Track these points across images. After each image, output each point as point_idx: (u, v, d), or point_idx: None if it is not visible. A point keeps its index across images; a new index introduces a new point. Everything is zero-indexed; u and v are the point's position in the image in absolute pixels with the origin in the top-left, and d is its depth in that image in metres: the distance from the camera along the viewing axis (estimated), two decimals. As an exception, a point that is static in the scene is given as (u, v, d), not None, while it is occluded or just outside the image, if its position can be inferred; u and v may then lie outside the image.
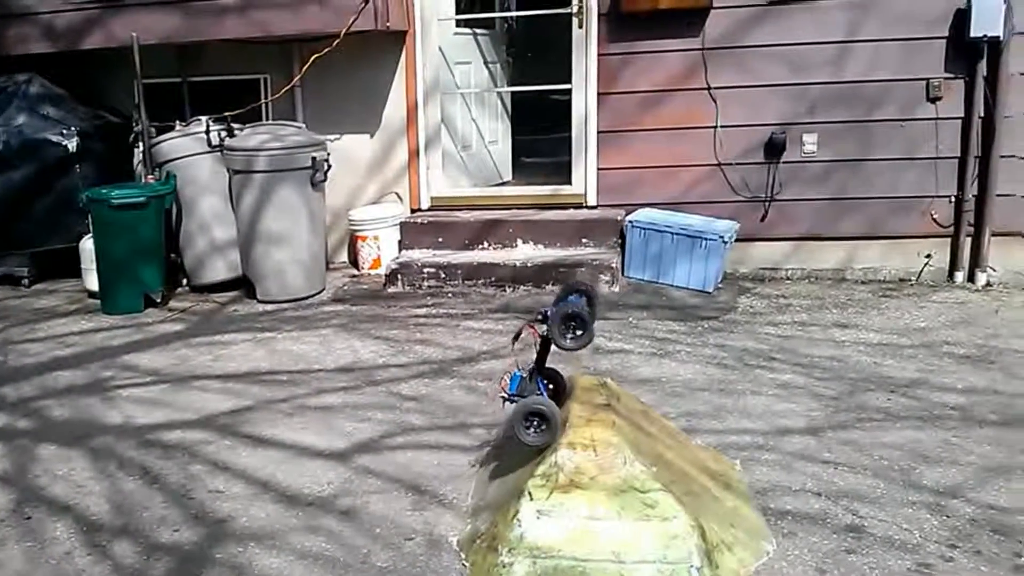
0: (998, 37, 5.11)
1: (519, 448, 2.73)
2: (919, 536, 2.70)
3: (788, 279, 5.69)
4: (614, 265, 5.38)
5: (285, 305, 5.37)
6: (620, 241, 5.60)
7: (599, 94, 5.70)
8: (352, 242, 6.03)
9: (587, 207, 5.88)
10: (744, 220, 5.62)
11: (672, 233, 5.40)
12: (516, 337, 2.88)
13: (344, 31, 5.30)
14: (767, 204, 5.66)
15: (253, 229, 5.34)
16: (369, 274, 5.87)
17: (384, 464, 3.27)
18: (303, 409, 3.82)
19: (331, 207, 5.89)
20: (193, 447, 3.48)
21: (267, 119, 5.97)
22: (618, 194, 5.80)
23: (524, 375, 2.87)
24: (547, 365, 2.92)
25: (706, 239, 5.32)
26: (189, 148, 5.49)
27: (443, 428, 3.58)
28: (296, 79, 5.84)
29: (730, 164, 5.63)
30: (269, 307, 5.37)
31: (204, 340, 4.78)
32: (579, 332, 2.70)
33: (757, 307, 5.14)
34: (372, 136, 6.03)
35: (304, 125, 5.72)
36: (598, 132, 5.76)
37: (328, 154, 5.47)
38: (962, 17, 5.18)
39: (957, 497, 2.93)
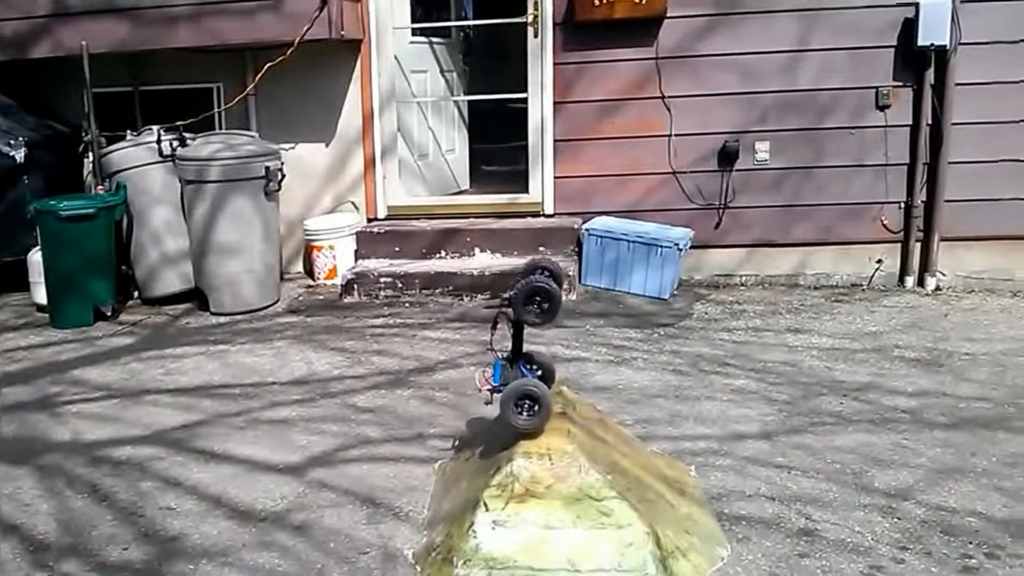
0: (945, 46, 5.22)
1: (476, 458, 2.73)
2: (871, 539, 2.73)
3: (742, 285, 5.74)
4: (571, 273, 5.39)
5: (239, 317, 5.31)
6: (577, 249, 5.63)
7: (555, 103, 5.73)
8: (307, 252, 5.98)
9: (544, 215, 5.90)
10: (699, 227, 5.67)
11: (628, 241, 5.43)
12: (494, 325, 2.86)
13: (298, 40, 5.26)
14: (721, 211, 5.72)
15: (206, 240, 5.27)
16: (325, 284, 5.83)
17: (339, 477, 3.24)
18: (256, 423, 3.77)
19: (286, 217, 5.84)
20: (144, 463, 3.41)
21: (220, 128, 5.90)
22: (575, 202, 5.83)
23: (504, 363, 2.85)
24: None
25: (661, 246, 5.36)
26: (140, 158, 5.40)
27: (399, 440, 3.55)
28: (249, 88, 5.79)
29: (684, 172, 5.69)
30: (222, 319, 5.29)
31: (155, 354, 4.70)
32: (545, 305, 2.69)
33: (712, 313, 5.18)
34: (327, 145, 5.99)
35: (257, 134, 5.66)
36: (554, 141, 5.78)
37: (282, 163, 5.42)
38: (910, 27, 5.29)
39: (908, 499, 2.97)
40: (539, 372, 2.90)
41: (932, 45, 5.22)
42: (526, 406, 2.61)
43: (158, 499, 3.13)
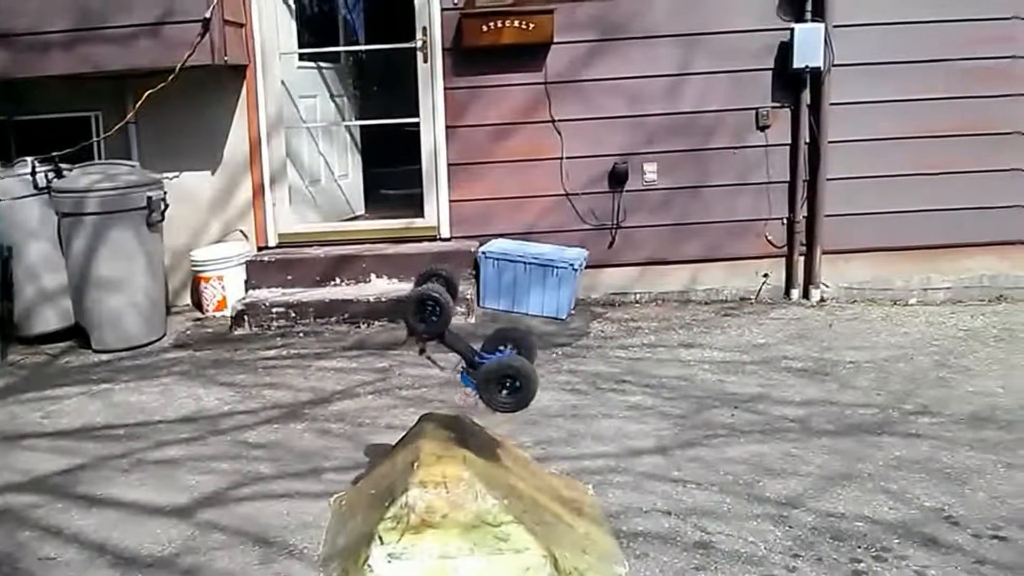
0: (819, 68, 5.46)
1: (372, 490, 2.67)
2: (764, 548, 2.79)
3: (637, 302, 5.84)
4: (469, 296, 5.38)
5: (123, 354, 5.09)
6: (474, 272, 5.63)
7: (448, 127, 5.73)
8: (195, 283, 5.80)
9: (441, 239, 5.88)
10: (593, 247, 5.75)
11: (524, 262, 5.46)
12: (421, 351, 2.80)
13: (179, 66, 5.12)
14: (614, 231, 5.81)
15: (86, 275, 5.06)
16: (214, 316, 5.66)
17: (230, 517, 3.13)
18: (142, 464, 3.61)
19: (171, 248, 5.66)
20: (21, 512, 3.22)
21: (100, 158, 5.68)
22: (471, 225, 5.83)
23: (467, 370, 2.78)
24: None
25: (557, 267, 5.41)
26: (14, 190, 5.14)
27: (293, 475, 3.45)
28: (130, 116, 5.59)
29: (577, 194, 5.76)
30: (105, 357, 5.07)
31: (34, 395, 4.46)
32: (434, 319, 2.66)
33: (608, 331, 5.25)
34: (213, 173, 5.83)
35: (139, 163, 5.47)
36: (448, 165, 5.78)
37: (165, 193, 5.25)
38: (785, 50, 5.51)
39: (798, 507, 3.05)
40: (514, 350, 2.83)
41: (807, 67, 5.44)
42: (507, 384, 2.55)
43: (36, 549, 2.96)
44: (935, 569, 2.66)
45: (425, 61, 5.70)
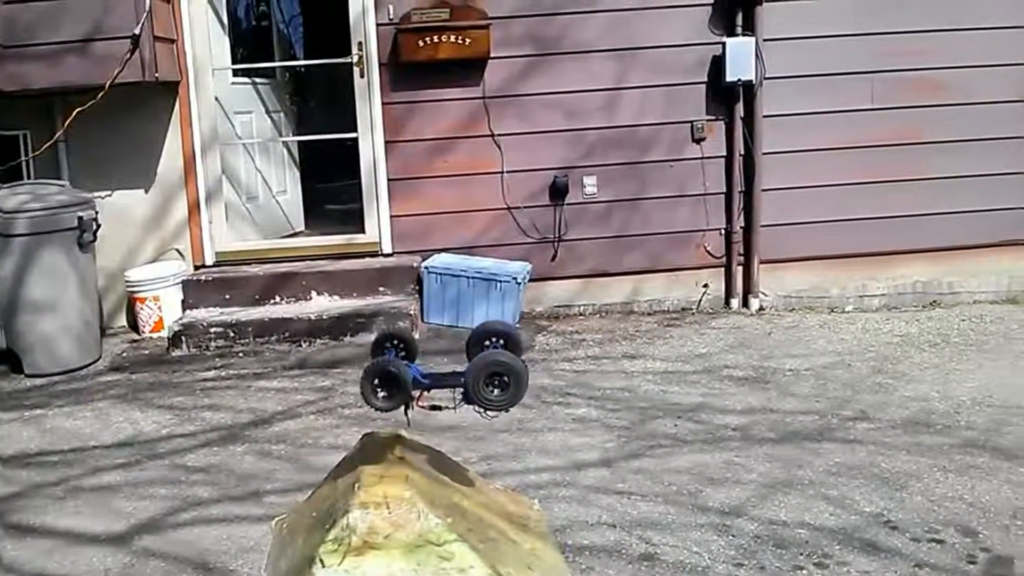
0: (751, 81, 5.56)
1: (313, 512, 2.62)
2: (708, 558, 2.81)
3: (581, 315, 5.87)
4: (412, 312, 5.35)
5: (56, 378, 4.95)
6: (418, 287, 5.59)
7: (387, 142, 5.70)
8: (131, 304, 5.67)
9: (383, 255, 5.84)
10: (536, 261, 5.77)
11: (468, 277, 5.45)
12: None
13: (108, 83, 5.01)
14: (556, 244, 5.83)
15: (15, 298, 4.91)
16: (151, 338, 5.53)
17: (168, 544, 3.05)
18: (77, 491, 3.51)
19: (105, 268, 5.52)
20: (-52, 546, 3.11)
21: (29, 178, 5.51)
22: (413, 240, 5.80)
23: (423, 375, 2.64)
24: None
25: (500, 281, 5.41)
26: (-64, 213, 4.98)
27: (233, 499, 3.38)
28: (59, 134, 5.45)
29: (519, 207, 5.77)
30: (38, 381, 4.92)
31: (-39, 424, 4.31)
32: (395, 390, 2.52)
33: (553, 344, 5.26)
34: (147, 191, 5.71)
35: (69, 183, 5.34)
36: (388, 180, 5.75)
37: (97, 213, 5.13)
38: (718, 64, 5.60)
39: (741, 515, 3.08)
40: (500, 344, 2.74)
41: (739, 81, 5.54)
42: (496, 381, 2.47)
43: (-37, 585, 2.86)
44: (875, 574, 2.70)
45: (362, 76, 5.67)
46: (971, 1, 5.67)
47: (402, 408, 2.57)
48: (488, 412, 2.51)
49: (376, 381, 2.48)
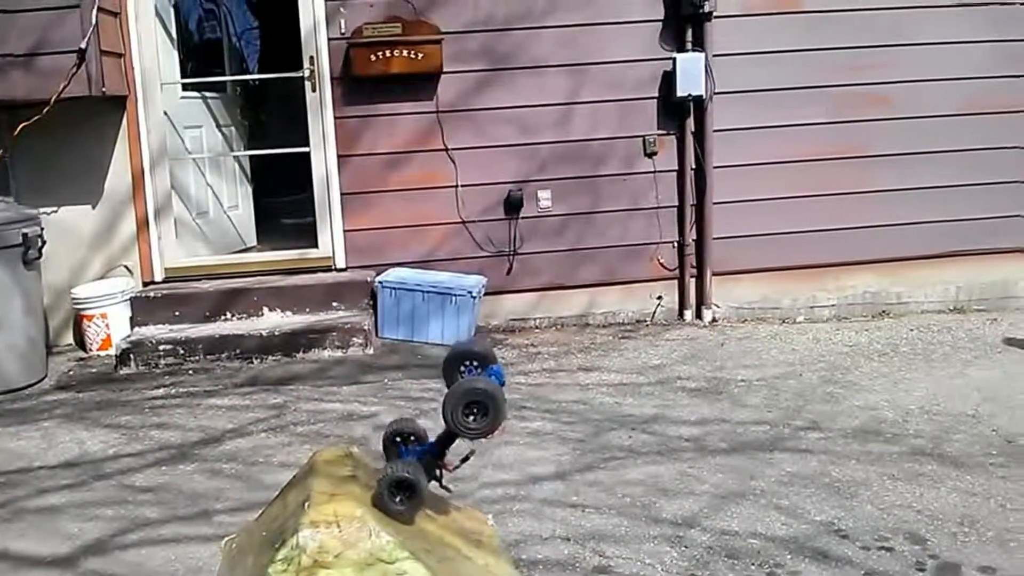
0: (701, 96, 5.63)
1: (263, 531, 2.58)
2: (661, 569, 2.82)
3: (537, 328, 5.87)
4: (366, 327, 5.31)
5: (0, 398, 4.83)
6: (372, 302, 5.56)
7: (339, 156, 5.67)
8: (78, 322, 5.55)
9: (336, 269, 5.79)
10: (491, 274, 5.76)
11: (422, 291, 5.43)
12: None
13: (54, 98, 4.92)
14: (511, 258, 5.84)
15: (-44, 316, 4.78)
16: (99, 356, 5.42)
17: (115, 565, 2.99)
18: (21, 513, 3.42)
19: (51, 285, 5.41)
20: None
21: (-29, 194, 5.39)
22: (368, 255, 5.77)
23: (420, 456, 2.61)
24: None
25: (456, 295, 5.40)
26: None
27: (182, 519, 3.32)
28: (2, 151, 5.32)
29: (473, 221, 5.77)
30: (-20, 401, 4.81)
31: (-101, 446, 4.18)
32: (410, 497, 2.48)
33: (509, 358, 5.25)
34: (94, 207, 5.60)
35: (13, 199, 5.21)
36: (342, 194, 5.71)
37: (42, 229, 5.02)
38: (669, 79, 5.66)
39: (694, 526, 3.10)
40: (478, 368, 2.68)
41: (690, 95, 5.61)
42: (474, 410, 2.43)
43: (-102, 615, 2.76)
44: (825, 581, 2.73)
45: (314, 90, 5.63)
46: (914, 18, 5.80)
47: (434, 484, 2.55)
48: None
49: (393, 490, 2.44)
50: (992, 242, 6.04)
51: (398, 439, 2.61)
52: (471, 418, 2.41)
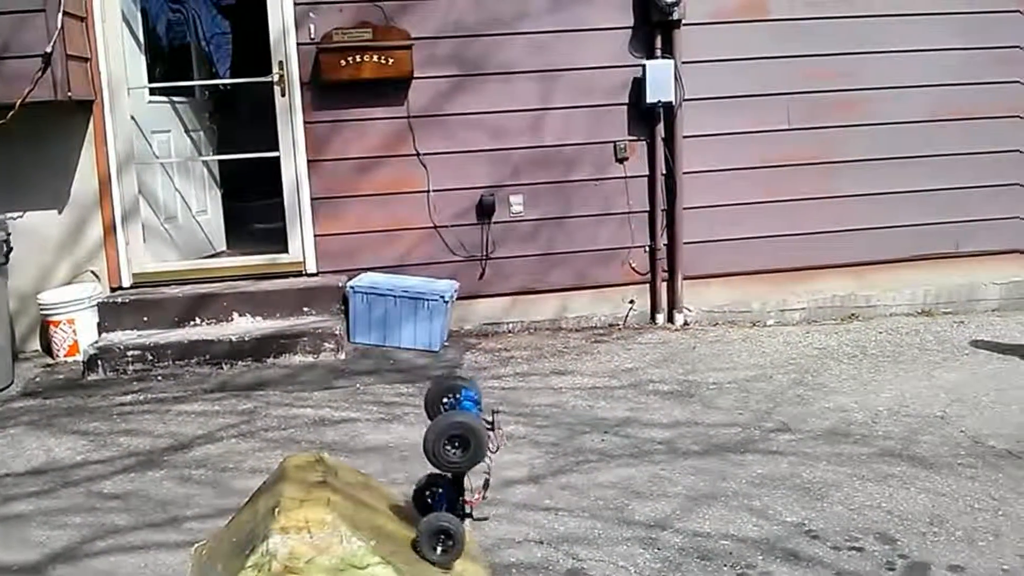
0: (671, 102, 5.67)
1: (234, 539, 2.55)
2: (634, 572, 2.82)
3: (510, 332, 5.87)
4: (338, 332, 5.28)
5: (-35, 405, 4.76)
6: (343, 307, 5.53)
7: (310, 161, 5.64)
8: (44, 328, 5.47)
9: (307, 274, 5.76)
10: (464, 279, 5.75)
11: (395, 296, 5.41)
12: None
13: (19, 103, 4.85)
14: (484, 262, 5.83)
15: (-82, 323, 4.70)
16: (66, 362, 5.34)
17: (84, 573, 2.95)
18: (-13, 522, 3.37)
19: (17, 291, 5.33)
20: None
21: (-65, 200, 5.31)
22: (339, 260, 5.74)
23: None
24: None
25: (428, 300, 5.38)
26: None
27: (151, 526, 3.28)
28: (-33, 155, 5.26)
29: (445, 226, 5.76)
30: (-55, 409, 4.72)
31: None
32: (451, 544, 2.50)
33: (482, 362, 5.25)
34: (61, 212, 5.53)
35: (-22, 204, 5.15)
36: (312, 199, 5.68)
37: (9, 234, 4.94)
38: (639, 85, 5.69)
39: (667, 528, 3.11)
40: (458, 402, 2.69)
41: (660, 102, 5.64)
42: (456, 443, 2.45)
43: None
44: (797, 582, 2.75)
45: (283, 95, 5.60)
46: (880, 26, 5.88)
47: (468, 522, 2.62)
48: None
49: (433, 540, 2.46)
50: (958, 246, 6.13)
51: (431, 490, 2.63)
52: (452, 452, 2.45)
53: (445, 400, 2.70)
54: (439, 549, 2.48)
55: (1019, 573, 2.76)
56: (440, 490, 2.62)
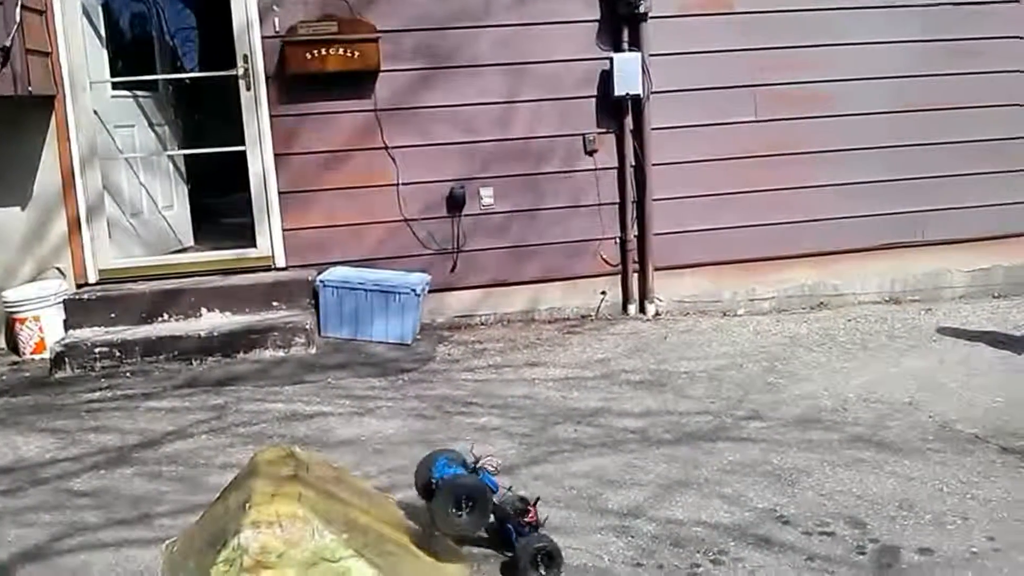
0: (639, 95, 5.69)
1: (204, 533, 2.54)
2: (608, 559, 2.84)
3: (483, 324, 5.87)
4: (308, 326, 5.24)
5: (-71, 405, 4.67)
6: (314, 301, 5.49)
7: (276, 155, 5.59)
8: (10, 326, 5.38)
9: (276, 269, 5.71)
10: (436, 272, 5.74)
11: (366, 289, 5.38)
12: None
13: (-22, 97, 4.77)
14: (455, 255, 5.82)
15: None
16: (33, 359, 5.26)
17: (54, 571, 2.91)
18: (-46, 522, 3.31)
19: (-20, 289, 5.24)
20: None
21: None
22: (308, 254, 5.70)
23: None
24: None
25: (399, 293, 5.36)
26: None
27: (122, 523, 3.23)
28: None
29: (416, 219, 5.74)
30: (-91, 409, 4.63)
31: None
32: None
33: (455, 354, 5.24)
34: (24, 208, 5.43)
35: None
36: (280, 193, 5.63)
37: (-29, 233, 4.87)
38: (607, 78, 5.71)
39: (640, 516, 3.13)
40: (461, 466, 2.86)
41: (628, 94, 5.66)
42: (461, 504, 2.61)
43: None
44: (769, 568, 2.77)
45: (248, 89, 5.55)
46: (845, 19, 5.93)
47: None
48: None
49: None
50: (924, 234, 6.21)
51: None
52: (458, 513, 2.55)
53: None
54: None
55: (987, 555, 2.81)
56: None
